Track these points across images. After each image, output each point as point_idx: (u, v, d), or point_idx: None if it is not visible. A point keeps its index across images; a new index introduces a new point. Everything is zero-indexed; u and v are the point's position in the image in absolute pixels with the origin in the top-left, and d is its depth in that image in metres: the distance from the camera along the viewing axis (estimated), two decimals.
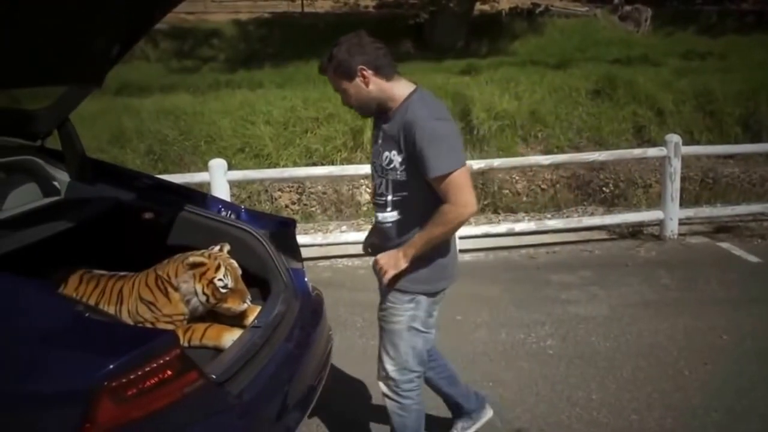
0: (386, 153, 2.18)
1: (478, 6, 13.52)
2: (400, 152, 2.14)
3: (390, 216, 2.23)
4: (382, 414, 2.61)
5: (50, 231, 2.38)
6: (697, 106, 7.80)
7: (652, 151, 5.76)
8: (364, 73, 2.12)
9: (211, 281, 2.42)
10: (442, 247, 2.24)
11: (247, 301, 2.48)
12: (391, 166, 2.17)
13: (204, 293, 2.43)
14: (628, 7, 14.39)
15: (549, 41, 12.89)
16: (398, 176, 2.17)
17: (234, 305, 2.45)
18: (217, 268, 2.44)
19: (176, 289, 2.43)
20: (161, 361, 1.68)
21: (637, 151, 6.08)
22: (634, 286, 4.61)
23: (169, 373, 1.70)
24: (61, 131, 2.90)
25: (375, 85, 2.14)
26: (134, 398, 1.63)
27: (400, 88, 2.18)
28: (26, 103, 4.45)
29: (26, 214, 2.60)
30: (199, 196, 2.96)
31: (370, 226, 6.28)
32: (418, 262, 2.21)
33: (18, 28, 2.04)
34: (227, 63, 11.79)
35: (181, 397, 1.72)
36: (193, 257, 2.45)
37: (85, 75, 2.67)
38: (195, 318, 2.49)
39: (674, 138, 5.56)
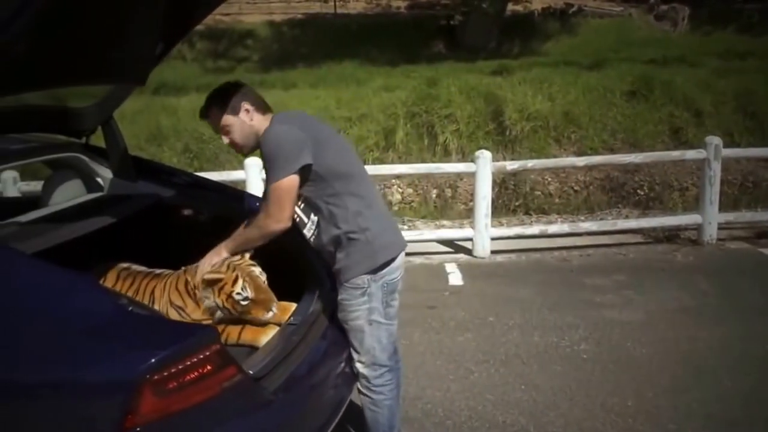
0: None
1: (510, 6, 13.44)
2: None
3: (311, 223, 2.36)
4: (404, 415, 2.62)
5: (94, 226, 2.44)
6: (737, 107, 7.61)
7: (691, 154, 5.65)
8: (247, 108, 2.33)
9: (229, 296, 2.30)
10: (364, 227, 2.30)
11: (273, 310, 2.33)
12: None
13: (225, 307, 2.33)
14: (664, 6, 14.12)
15: (582, 41, 12.73)
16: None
17: (258, 315, 2.32)
18: (235, 281, 2.30)
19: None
20: (201, 356, 1.71)
21: (676, 153, 5.97)
22: (671, 292, 4.53)
23: (209, 367, 1.72)
24: (105, 129, 2.96)
25: (256, 120, 2.35)
26: (175, 391, 1.66)
27: (266, 123, 2.35)
28: (67, 101, 4.57)
29: (71, 209, 2.66)
30: (237, 193, 2.99)
31: (401, 226, 6.31)
32: (343, 251, 2.32)
33: (66, 28, 2.09)
34: (261, 63, 11.93)
35: (220, 392, 1.75)
36: (209, 275, 2.33)
37: (129, 73, 2.72)
38: (227, 320, 2.47)
39: (714, 140, 5.45)
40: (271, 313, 2.32)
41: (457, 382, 3.38)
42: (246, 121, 2.32)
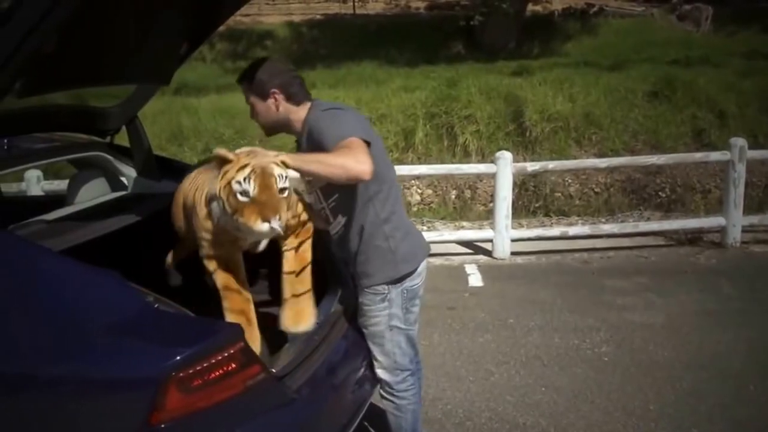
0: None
1: (530, 7, 13.37)
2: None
3: (337, 224, 2.28)
4: (423, 415, 2.61)
5: (118, 224, 2.46)
6: (762, 108, 7.51)
7: (715, 155, 5.58)
8: (276, 96, 2.20)
9: (229, 183, 1.87)
10: (389, 235, 2.24)
11: (273, 224, 1.82)
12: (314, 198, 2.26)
13: (220, 197, 1.90)
14: (687, 6, 13.94)
15: (603, 42, 12.63)
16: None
17: (250, 222, 1.83)
18: (241, 168, 1.86)
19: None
20: (226, 354, 1.72)
21: (699, 155, 5.90)
22: (693, 295, 4.47)
23: (233, 365, 1.73)
24: (129, 128, 3.00)
25: (284, 109, 2.21)
26: (199, 389, 1.68)
27: (304, 111, 2.23)
28: (89, 101, 4.63)
29: (96, 207, 2.69)
30: None
31: (420, 227, 6.30)
32: (364, 255, 2.25)
33: (93, 30, 2.12)
34: None
35: (243, 390, 1.75)
36: (222, 151, 1.94)
37: (154, 74, 2.75)
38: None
39: (739, 141, 5.38)
40: (266, 226, 1.83)
41: (477, 383, 3.38)
42: (271, 107, 2.20)
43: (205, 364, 1.68)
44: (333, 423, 2.12)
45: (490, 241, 5.48)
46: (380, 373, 2.37)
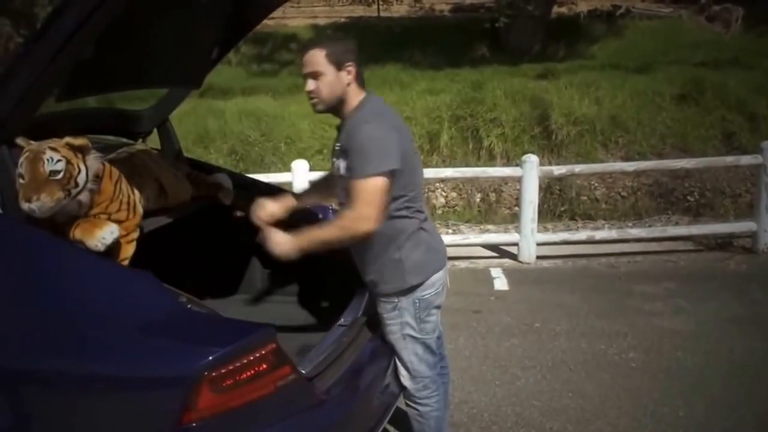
0: (336, 161, 2.23)
1: (556, 9, 13.27)
2: (345, 158, 2.16)
3: None
4: (449, 418, 2.60)
5: (151, 226, 2.50)
6: None
7: (746, 159, 5.48)
8: (350, 70, 2.18)
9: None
10: (400, 245, 2.22)
11: (33, 204, 1.89)
12: (340, 173, 2.21)
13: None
14: (716, 7, 13.72)
15: (630, 44, 12.48)
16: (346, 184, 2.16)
17: (20, 202, 1.91)
18: (29, 152, 1.95)
19: None
20: (258, 355, 1.74)
21: (730, 159, 5.81)
22: (723, 300, 4.40)
23: (264, 366, 1.75)
24: (160, 131, 3.05)
25: (350, 86, 2.20)
26: (231, 389, 1.70)
27: (359, 97, 2.23)
28: (118, 104, 4.71)
29: None
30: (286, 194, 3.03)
31: (445, 230, 6.28)
32: (375, 264, 2.24)
33: (128, 36, 2.17)
34: None
35: (274, 390, 1.77)
36: (20, 138, 1.99)
37: (186, 77, 2.80)
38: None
39: None
40: (26, 206, 1.90)
41: (503, 387, 3.36)
42: (343, 79, 2.17)
43: (237, 365, 1.70)
44: (360, 425, 2.13)
45: (516, 244, 5.46)
46: (402, 379, 2.37)
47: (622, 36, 13.07)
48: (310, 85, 2.19)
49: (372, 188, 2.05)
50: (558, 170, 5.64)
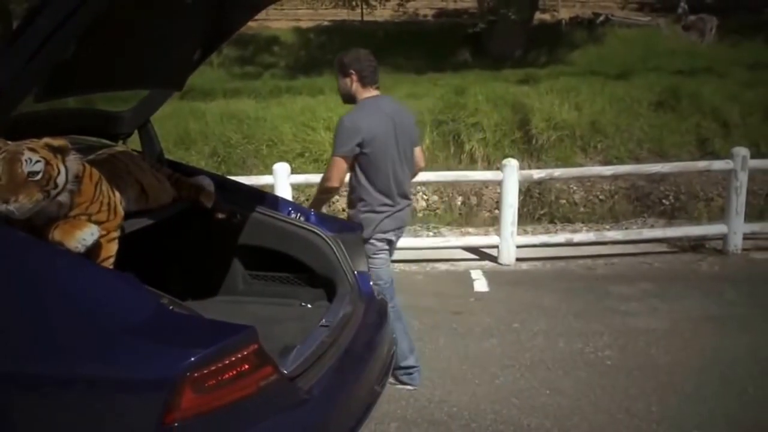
0: None
1: (538, 15, 13.44)
2: None
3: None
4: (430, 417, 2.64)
5: (132, 227, 2.52)
6: (765, 118, 7.57)
7: (718, 164, 5.63)
8: (353, 77, 3.18)
9: None
10: (359, 207, 3.22)
11: (11, 205, 1.89)
12: None
13: None
14: (692, 17, 14.00)
15: (609, 51, 12.70)
16: None
17: None
18: (1, 154, 1.94)
19: None
20: (240, 355, 1.75)
21: (702, 164, 5.95)
22: (696, 300, 4.52)
23: (247, 366, 1.76)
24: (141, 132, 3.06)
25: (354, 87, 3.21)
26: (213, 389, 1.70)
27: (364, 95, 3.22)
28: (99, 105, 4.70)
29: None
30: (270, 198, 3.07)
31: (426, 233, 6.31)
32: (354, 209, 3.27)
33: (109, 37, 2.19)
34: (288, 70, 12.08)
35: (256, 390, 1.78)
36: None
37: (168, 79, 2.82)
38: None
39: (742, 151, 5.43)
40: (3, 207, 1.90)
41: (483, 386, 3.42)
42: (347, 83, 3.21)
43: (219, 365, 1.71)
44: (342, 424, 2.16)
45: (496, 247, 5.53)
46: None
47: (602, 43, 13.29)
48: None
49: (333, 162, 3.16)
50: (537, 174, 5.74)
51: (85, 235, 2.03)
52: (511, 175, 5.34)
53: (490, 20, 11.68)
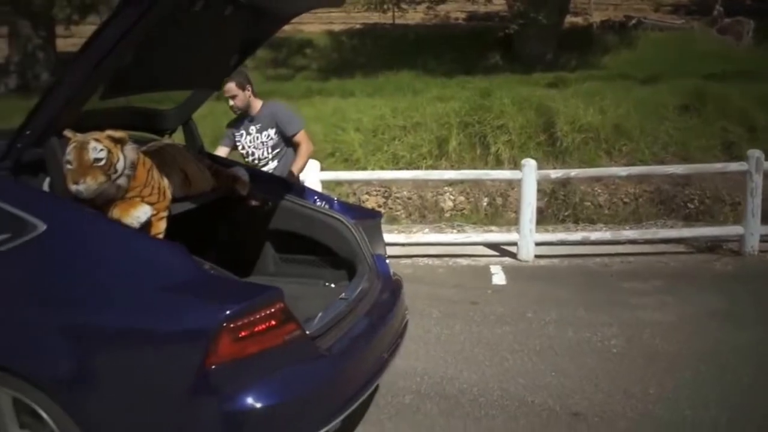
0: (266, 132, 4.33)
1: (569, 19, 13.50)
2: (273, 128, 4.31)
3: (273, 165, 4.33)
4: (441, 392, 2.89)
5: (178, 210, 2.86)
6: None
7: (734, 166, 5.76)
8: (249, 88, 4.26)
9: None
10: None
11: (80, 186, 2.29)
12: (270, 137, 4.32)
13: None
14: (728, 20, 13.91)
15: (641, 55, 12.67)
16: (274, 142, 4.33)
17: (68, 184, 2.31)
18: (76, 142, 2.34)
19: None
20: (268, 312, 2.10)
21: (718, 165, 6.09)
22: (705, 297, 4.68)
23: (273, 321, 2.11)
24: (185, 128, 3.42)
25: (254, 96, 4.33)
26: (246, 339, 2.05)
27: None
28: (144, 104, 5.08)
29: None
30: (298, 188, 3.39)
31: (451, 231, 6.56)
32: None
33: (160, 45, 2.53)
34: (320, 72, 12.39)
35: (282, 343, 2.13)
36: (68, 131, 2.37)
37: (208, 81, 3.17)
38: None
39: (756, 153, 5.57)
40: (74, 188, 2.29)
41: (493, 367, 3.67)
42: (248, 95, 4.28)
43: (250, 318, 2.06)
44: (355, 379, 2.46)
45: (516, 244, 5.76)
46: None
47: (634, 47, 13.24)
48: (230, 102, 4.35)
49: (306, 133, 4.47)
50: (555, 174, 5.95)
51: (139, 214, 2.39)
52: (530, 175, 5.57)
53: (520, 23, 11.80)
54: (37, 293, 2.21)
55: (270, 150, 4.33)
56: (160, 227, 2.55)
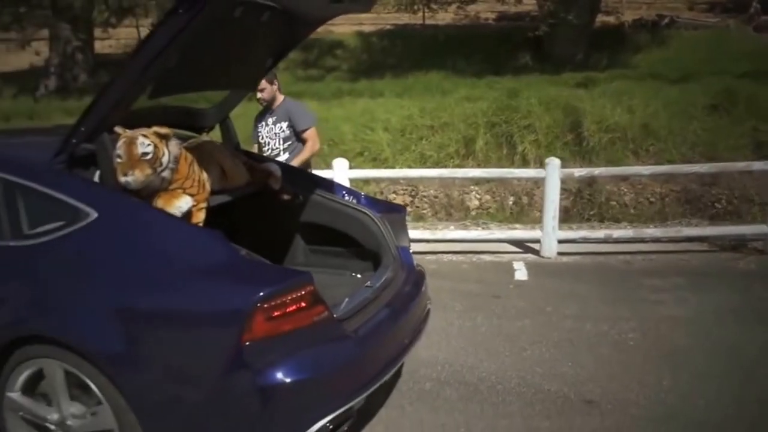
0: (279, 124, 4.73)
1: (601, 18, 13.40)
2: (286, 122, 4.70)
3: (284, 156, 4.66)
4: (461, 379, 3.05)
5: (216, 201, 3.08)
6: None
7: (758, 165, 5.79)
8: (276, 83, 4.72)
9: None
10: None
11: (128, 178, 2.54)
12: (282, 130, 4.71)
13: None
14: (765, 17, 13.70)
15: (674, 54, 12.50)
16: (286, 135, 4.72)
17: (118, 176, 2.55)
18: (125, 138, 2.58)
19: None
20: (299, 294, 2.30)
21: (741, 164, 6.11)
22: (724, 294, 4.75)
23: (304, 303, 2.31)
24: (222, 126, 3.64)
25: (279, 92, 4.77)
26: (278, 318, 2.26)
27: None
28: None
29: None
30: (327, 183, 3.59)
31: (476, 228, 6.70)
32: None
33: (202, 49, 2.75)
34: (350, 73, 12.56)
35: (311, 323, 2.33)
36: (118, 128, 2.61)
37: (244, 82, 3.39)
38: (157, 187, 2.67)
39: None
40: (123, 179, 2.54)
41: (511, 357, 3.82)
42: (275, 89, 4.73)
43: (282, 300, 2.26)
44: (378, 360, 2.64)
45: (539, 241, 5.88)
46: None
47: (667, 46, 13.10)
48: (258, 94, 4.71)
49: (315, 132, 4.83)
50: (578, 172, 6.04)
51: (181, 204, 2.61)
52: (554, 173, 5.68)
53: (550, 23, 11.80)
54: (89, 275, 2.45)
55: (282, 141, 4.71)
56: (200, 217, 2.77)
